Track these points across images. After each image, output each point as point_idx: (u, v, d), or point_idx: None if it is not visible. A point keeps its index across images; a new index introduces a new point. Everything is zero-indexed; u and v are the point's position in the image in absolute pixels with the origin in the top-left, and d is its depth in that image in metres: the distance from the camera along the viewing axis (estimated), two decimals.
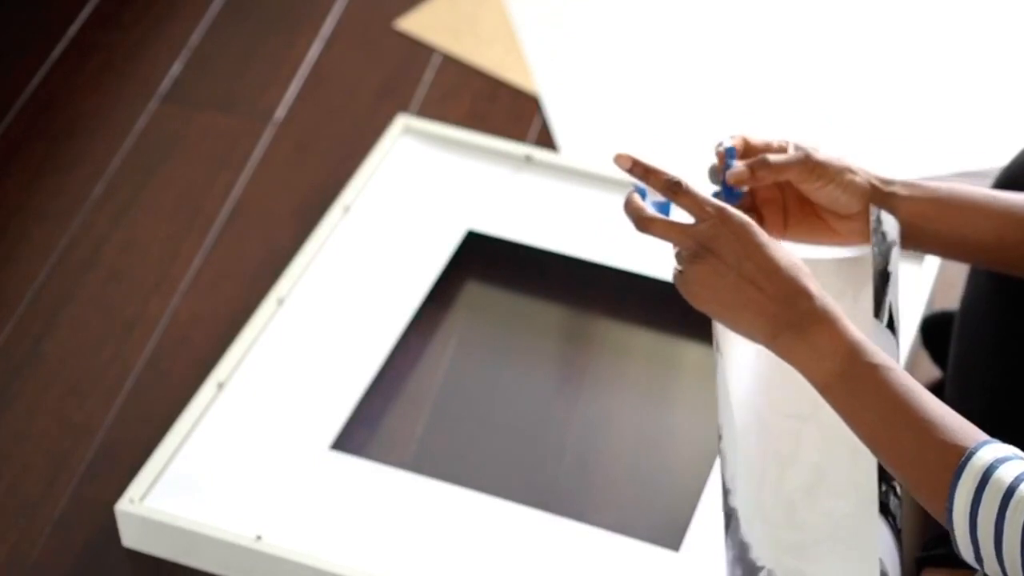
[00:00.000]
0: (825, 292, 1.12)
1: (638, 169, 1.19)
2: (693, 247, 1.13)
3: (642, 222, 1.17)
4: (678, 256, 1.15)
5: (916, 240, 1.28)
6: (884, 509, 1.25)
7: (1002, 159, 1.56)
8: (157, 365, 1.62)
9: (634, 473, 1.52)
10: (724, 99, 1.95)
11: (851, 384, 1.08)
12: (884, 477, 1.24)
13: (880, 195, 1.27)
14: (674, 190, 1.17)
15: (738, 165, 1.26)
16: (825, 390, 1.09)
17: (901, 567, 1.23)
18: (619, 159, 1.19)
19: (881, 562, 1.21)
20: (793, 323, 1.10)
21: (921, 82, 1.98)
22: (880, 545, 1.22)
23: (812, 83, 1.97)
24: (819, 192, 1.26)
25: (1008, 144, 1.83)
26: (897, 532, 1.24)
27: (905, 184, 1.26)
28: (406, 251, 1.67)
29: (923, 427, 1.06)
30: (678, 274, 1.14)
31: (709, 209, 1.14)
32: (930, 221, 1.27)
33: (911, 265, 1.65)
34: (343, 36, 2.03)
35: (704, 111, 1.93)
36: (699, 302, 1.14)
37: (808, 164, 1.26)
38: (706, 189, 1.52)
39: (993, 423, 1.39)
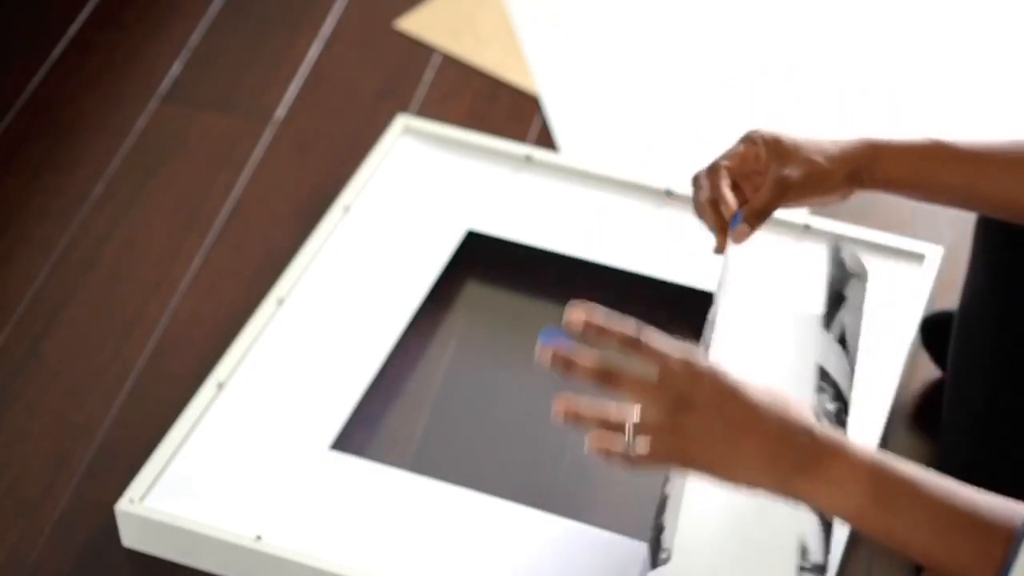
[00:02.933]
0: (813, 417, 1.04)
1: (591, 331, 1.07)
2: (668, 404, 1.03)
3: (606, 378, 1.05)
4: (642, 423, 1.04)
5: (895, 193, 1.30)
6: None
7: None
8: (157, 365, 1.62)
9: (633, 473, 1.52)
10: (724, 99, 1.95)
11: (887, 505, 1.01)
12: None
13: (857, 181, 1.28)
14: (635, 346, 1.05)
15: (740, 227, 1.29)
16: (859, 521, 1.02)
17: (826, 551, 1.22)
18: (571, 316, 1.06)
19: (802, 538, 1.21)
20: (800, 464, 1.02)
21: (920, 80, 1.98)
22: (803, 523, 1.22)
23: (812, 82, 1.98)
24: (802, 204, 1.29)
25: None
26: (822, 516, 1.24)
27: (875, 158, 1.27)
28: (406, 251, 1.67)
29: (971, 522, 1.00)
30: (657, 437, 1.03)
31: (675, 360, 1.04)
32: (904, 189, 1.28)
33: (911, 265, 1.65)
34: (343, 36, 2.03)
35: (704, 111, 1.93)
36: (690, 460, 1.04)
37: (785, 190, 1.28)
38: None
39: (993, 423, 1.39)
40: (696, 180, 1.31)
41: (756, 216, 1.28)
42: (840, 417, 1.37)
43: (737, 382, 1.04)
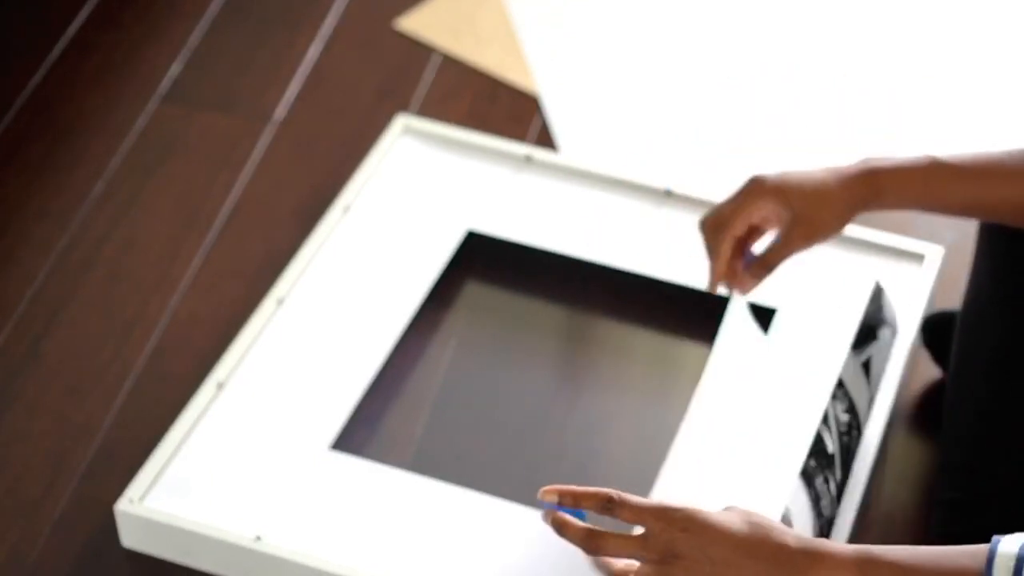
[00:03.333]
0: (791, 531, 1.09)
1: (567, 499, 1.14)
2: (656, 557, 1.09)
3: (592, 542, 1.12)
4: (641, 569, 1.11)
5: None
6: (806, 476, 1.28)
7: None
8: (157, 365, 1.62)
9: (634, 473, 1.52)
10: (724, 99, 1.95)
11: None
12: (816, 452, 1.27)
13: (861, 212, 1.29)
14: (610, 507, 1.12)
15: (746, 279, 1.34)
16: None
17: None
18: (544, 495, 1.14)
19: (787, 511, 1.23)
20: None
21: (920, 81, 1.98)
22: (792, 502, 1.24)
23: (812, 82, 1.97)
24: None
25: (1007, 144, 1.82)
26: (816, 505, 1.26)
27: (878, 191, 1.28)
28: (406, 251, 1.67)
29: None
30: None
31: (650, 516, 1.10)
32: (909, 208, 1.31)
33: (911, 265, 1.65)
34: (343, 36, 2.03)
35: (704, 111, 1.93)
36: None
37: (794, 247, 1.31)
38: (708, 189, 1.54)
39: (993, 424, 1.39)
40: (703, 229, 1.35)
41: (765, 269, 1.34)
42: (851, 432, 1.38)
43: (716, 523, 1.09)
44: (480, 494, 1.44)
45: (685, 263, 1.66)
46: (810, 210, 1.30)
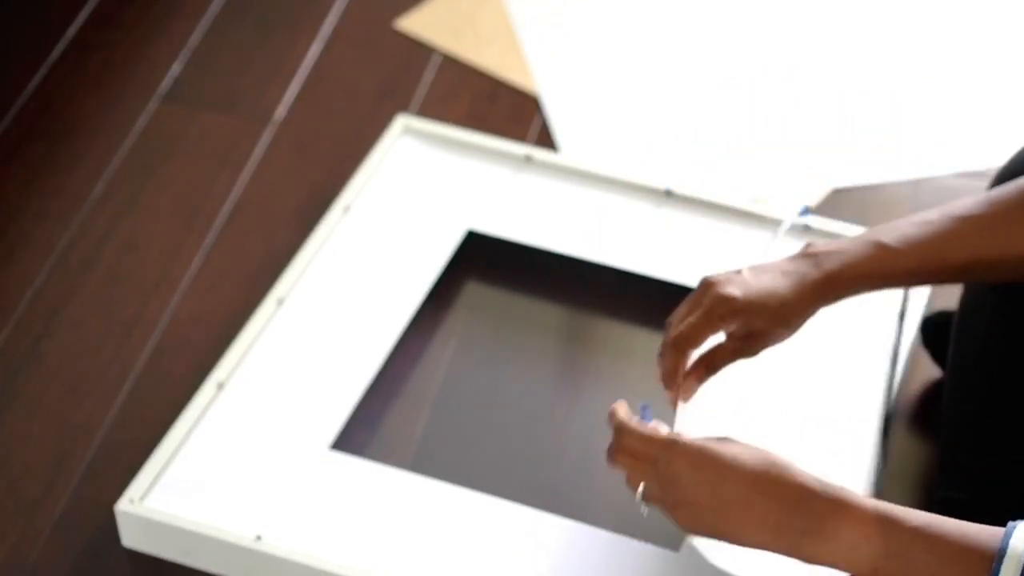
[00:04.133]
0: (813, 474, 1.07)
1: (612, 419, 1.19)
2: (659, 487, 1.10)
3: (617, 433, 1.16)
4: (647, 495, 1.13)
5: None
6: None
7: (1002, 158, 1.56)
8: (157, 365, 1.62)
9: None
10: (724, 99, 1.95)
11: (901, 556, 1.03)
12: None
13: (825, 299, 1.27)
14: (619, 430, 1.16)
15: (692, 387, 1.29)
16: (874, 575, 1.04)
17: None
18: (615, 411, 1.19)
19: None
20: (806, 527, 1.04)
21: (920, 82, 1.98)
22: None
23: (812, 83, 1.97)
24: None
25: (1008, 143, 1.83)
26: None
27: (832, 289, 1.26)
28: (406, 251, 1.67)
29: (987, 557, 1.02)
30: (665, 510, 1.11)
31: (658, 445, 1.12)
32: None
33: None
34: (343, 36, 2.03)
35: (704, 111, 1.93)
36: (697, 531, 1.10)
37: (747, 355, 1.28)
38: (708, 189, 1.54)
39: (992, 423, 1.39)
40: (666, 348, 1.30)
41: (710, 372, 1.29)
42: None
43: (728, 457, 1.07)
44: (480, 494, 1.44)
45: (685, 263, 1.66)
46: (772, 326, 1.26)
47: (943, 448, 1.44)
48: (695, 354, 1.29)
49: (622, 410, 1.20)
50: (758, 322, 1.26)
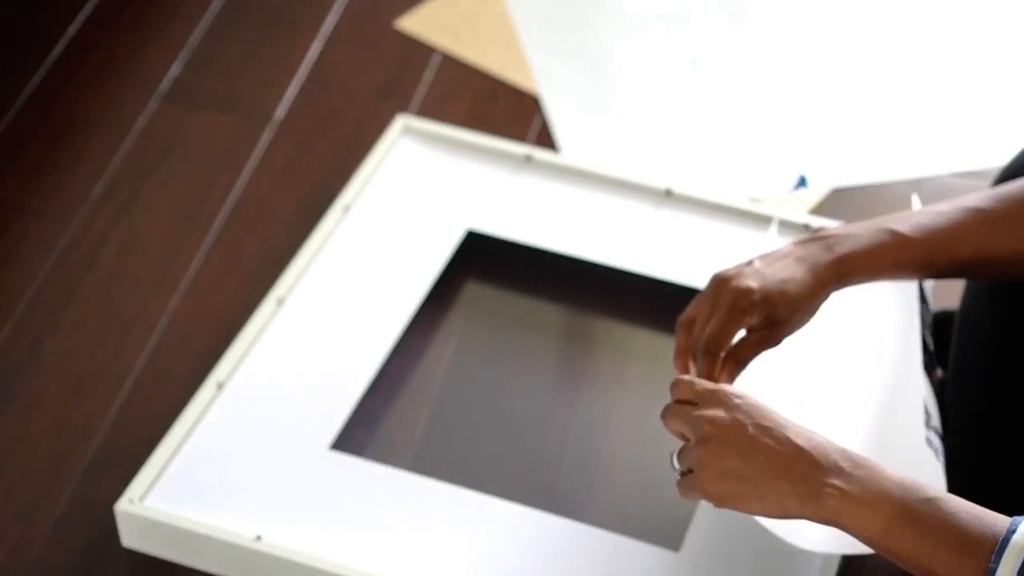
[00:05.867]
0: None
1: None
2: (699, 433, 1.11)
3: (675, 382, 1.18)
4: (682, 453, 1.14)
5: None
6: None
7: (1002, 158, 1.56)
8: (157, 365, 1.62)
9: (634, 473, 1.52)
10: (724, 99, 1.95)
11: (917, 524, 1.04)
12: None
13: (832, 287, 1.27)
14: (674, 386, 1.18)
15: (723, 383, 1.26)
16: (886, 540, 1.04)
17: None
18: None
19: (925, 406, 1.27)
20: (829, 481, 1.05)
21: (919, 81, 1.98)
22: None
23: (812, 82, 1.98)
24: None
25: (1008, 143, 1.83)
26: (937, 395, 1.30)
27: (845, 276, 1.25)
28: (406, 251, 1.67)
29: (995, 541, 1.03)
30: (696, 458, 1.11)
31: (704, 387, 1.14)
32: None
33: None
34: (343, 36, 2.03)
35: (704, 111, 1.93)
36: (715, 487, 1.10)
37: (768, 347, 1.27)
38: (708, 189, 1.54)
39: (992, 423, 1.39)
40: (698, 353, 1.28)
41: (740, 367, 1.28)
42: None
43: (767, 409, 1.10)
44: (480, 494, 1.44)
45: (685, 263, 1.66)
46: (792, 313, 1.26)
47: (944, 448, 1.44)
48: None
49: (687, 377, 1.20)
50: (779, 311, 1.25)
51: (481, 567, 1.39)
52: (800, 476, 1.06)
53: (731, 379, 1.27)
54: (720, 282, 1.27)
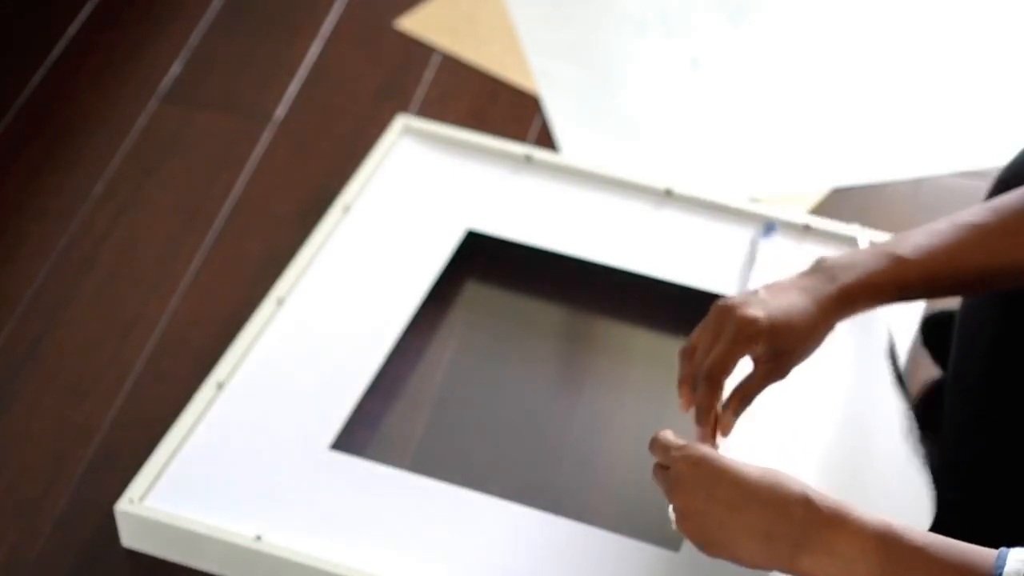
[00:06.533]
0: (815, 489, 1.07)
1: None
2: (666, 487, 1.14)
3: (653, 441, 1.20)
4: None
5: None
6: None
7: (1002, 158, 1.56)
8: (157, 365, 1.62)
9: (634, 473, 1.52)
10: (724, 99, 1.95)
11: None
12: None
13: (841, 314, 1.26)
14: (651, 444, 1.19)
15: (730, 422, 1.26)
16: None
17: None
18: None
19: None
20: (801, 538, 1.04)
21: (920, 81, 1.98)
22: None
23: (812, 82, 1.98)
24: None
25: (1008, 143, 1.83)
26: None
27: (851, 304, 1.24)
28: (406, 251, 1.67)
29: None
30: (678, 517, 1.15)
31: (672, 451, 1.15)
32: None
33: None
34: (343, 36, 2.03)
35: (704, 111, 1.93)
36: (699, 541, 1.13)
37: (776, 379, 1.26)
38: (708, 189, 1.53)
39: (992, 424, 1.39)
40: (701, 380, 1.26)
41: (745, 404, 1.26)
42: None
43: (729, 466, 1.08)
44: (480, 494, 1.44)
45: (685, 263, 1.66)
46: (798, 344, 1.24)
47: (943, 448, 1.44)
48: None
49: (664, 432, 1.20)
50: (784, 341, 1.23)
51: (481, 567, 1.39)
52: (767, 535, 1.06)
53: (736, 415, 1.25)
54: (723, 310, 1.25)
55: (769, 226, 1.44)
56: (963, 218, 1.25)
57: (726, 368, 1.24)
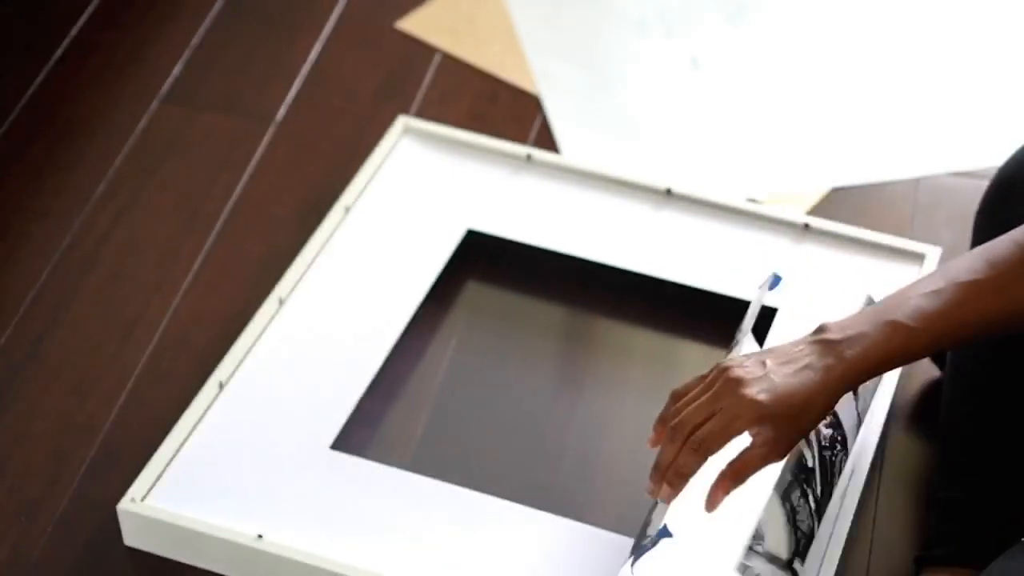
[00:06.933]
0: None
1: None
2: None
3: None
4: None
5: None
6: (781, 490, 1.27)
7: (999, 158, 1.57)
8: (158, 365, 1.62)
9: (634, 473, 1.52)
10: (723, 99, 1.96)
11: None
12: (796, 468, 1.27)
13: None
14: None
15: (720, 497, 1.23)
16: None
17: (794, 548, 1.27)
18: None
19: (760, 524, 1.24)
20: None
21: (918, 81, 1.98)
22: (766, 517, 1.25)
23: (812, 82, 1.98)
24: None
25: (1005, 143, 1.83)
26: (791, 520, 1.26)
27: (855, 381, 1.24)
28: (406, 251, 1.67)
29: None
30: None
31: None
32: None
33: (910, 265, 1.66)
34: (343, 36, 2.03)
35: (704, 111, 1.94)
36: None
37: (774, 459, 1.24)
38: (708, 189, 1.53)
39: (990, 423, 1.39)
40: (692, 450, 1.22)
41: (738, 482, 1.23)
42: (834, 447, 1.35)
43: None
44: (480, 494, 1.45)
45: (685, 263, 1.66)
46: (799, 432, 1.22)
47: (942, 448, 1.45)
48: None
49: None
50: (786, 427, 1.21)
51: (481, 567, 1.39)
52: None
53: (726, 494, 1.22)
54: (728, 382, 1.22)
55: (775, 278, 1.43)
56: (960, 275, 1.23)
57: (716, 446, 1.21)
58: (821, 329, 1.24)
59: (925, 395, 1.60)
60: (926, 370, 1.61)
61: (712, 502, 1.22)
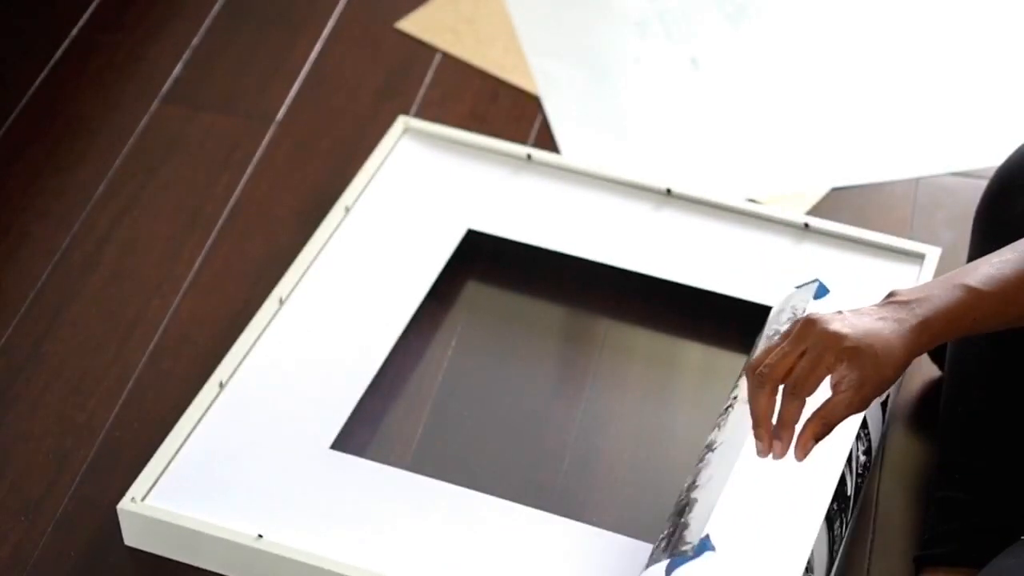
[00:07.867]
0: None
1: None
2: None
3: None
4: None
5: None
6: (828, 520, 1.28)
7: (999, 157, 1.56)
8: (158, 365, 1.63)
9: (634, 473, 1.52)
10: (723, 99, 1.96)
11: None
12: (839, 495, 1.28)
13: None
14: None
15: (808, 446, 1.22)
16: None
17: None
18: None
19: (811, 558, 1.24)
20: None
21: (918, 82, 1.98)
22: (815, 545, 1.25)
23: (812, 82, 1.98)
24: None
25: (1005, 142, 1.83)
26: (832, 549, 1.27)
27: (935, 340, 1.24)
28: (407, 251, 1.67)
29: None
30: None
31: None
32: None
33: (909, 266, 1.66)
34: (343, 36, 2.03)
35: (704, 111, 1.94)
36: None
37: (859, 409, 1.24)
38: (708, 189, 1.54)
39: (988, 422, 1.40)
40: (785, 394, 1.22)
41: (828, 429, 1.21)
42: (865, 473, 1.37)
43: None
44: (480, 494, 1.45)
45: (685, 263, 1.66)
46: (879, 372, 1.20)
47: (942, 448, 1.45)
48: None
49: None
50: (868, 367, 1.20)
51: (481, 567, 1.39)
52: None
53: (816, 442, 1.21)
54: (809, 323, 1.21)
55: (821, 288, 1.43)
56: None
57: (810, 386, 1.20)
58: (891, 294, 1.25)
59: (925, 395, 1.60)
60: (926, 370, 1.62)
61: (802, 449, 1.20)
